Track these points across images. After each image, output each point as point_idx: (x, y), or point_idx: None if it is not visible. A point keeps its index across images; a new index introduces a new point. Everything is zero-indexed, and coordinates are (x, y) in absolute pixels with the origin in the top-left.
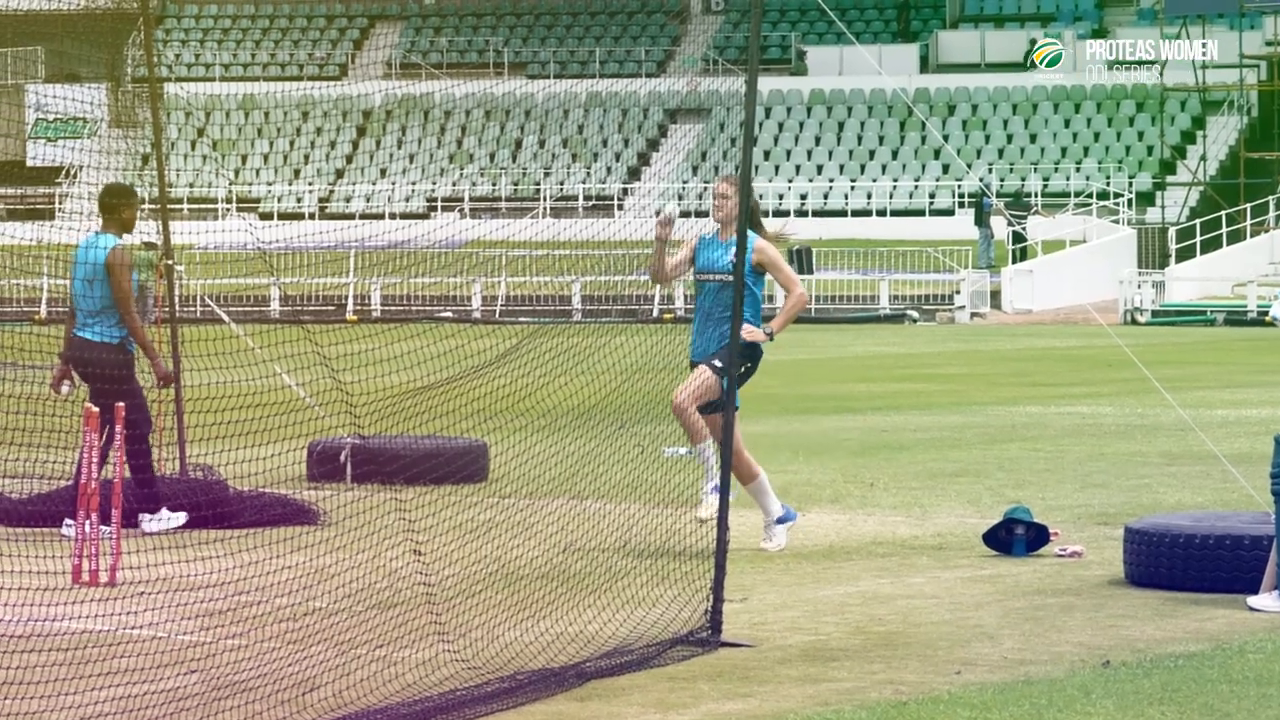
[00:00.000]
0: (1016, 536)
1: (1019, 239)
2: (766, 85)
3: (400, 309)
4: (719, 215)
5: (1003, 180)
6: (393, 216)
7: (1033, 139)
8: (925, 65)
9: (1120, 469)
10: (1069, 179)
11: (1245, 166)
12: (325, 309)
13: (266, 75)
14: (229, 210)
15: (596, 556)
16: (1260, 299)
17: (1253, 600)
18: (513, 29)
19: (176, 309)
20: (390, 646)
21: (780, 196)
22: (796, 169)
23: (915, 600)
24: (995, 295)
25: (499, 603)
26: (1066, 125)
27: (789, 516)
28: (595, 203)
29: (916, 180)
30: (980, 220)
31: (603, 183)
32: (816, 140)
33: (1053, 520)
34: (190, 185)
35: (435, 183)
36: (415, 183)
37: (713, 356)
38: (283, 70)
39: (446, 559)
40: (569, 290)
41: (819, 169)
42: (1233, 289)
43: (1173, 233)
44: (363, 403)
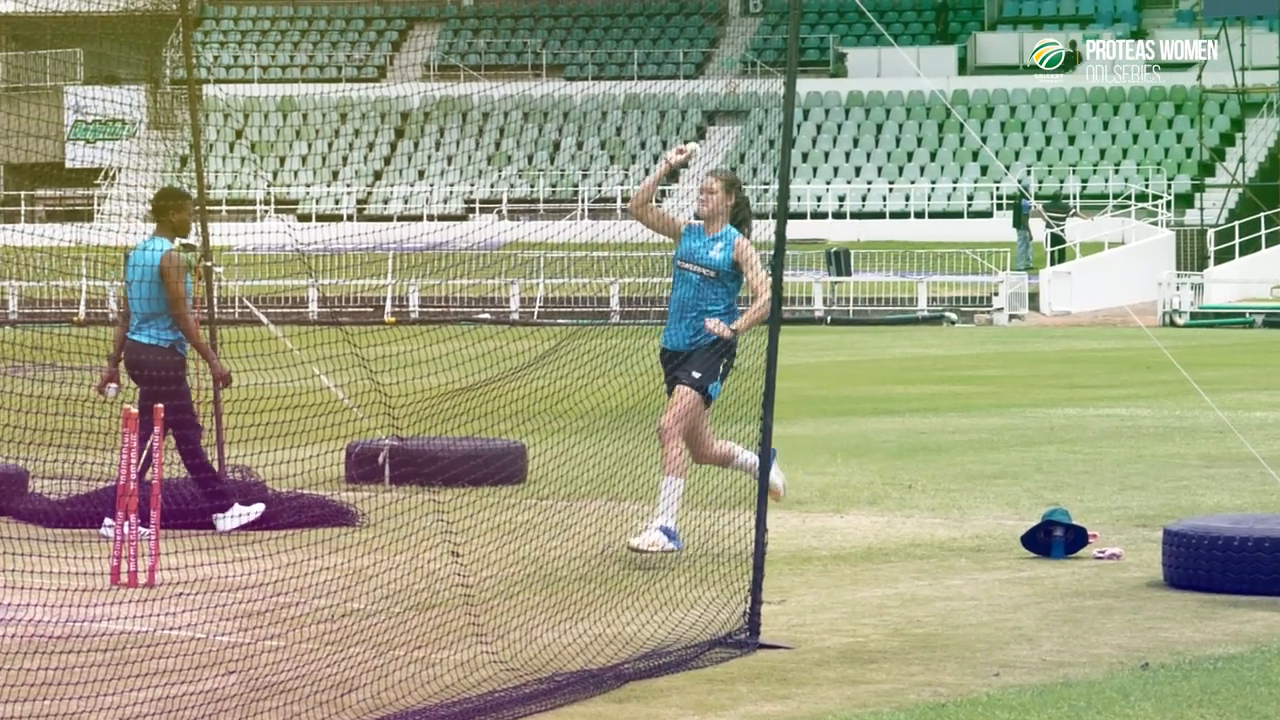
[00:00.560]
0: (1055, 538)
1: (1057, 241)
2: (805, 87)
3: (438, 310)
4: (704, 210)
5: (1041, 182)
6: (431, 218)
7: (1071, 141)
8: (964, 67)
9: (1159, 471)
10: (1107, 181)
11: None
12: (363, 310)
13: (305, 77)
14: (267, 212)
15: (635, 558)
16: None
17: None
18: (551, 30)
19: (215, 311)
20: (428, 648)
21: (818, 199)
22: (835, 171)
23: (954, 602)
24: (1033, 297)
25: (537, 604)
26: (1105, 127)
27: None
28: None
29: (955, 182)
30: (1019, 222)
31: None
32: (855, 142)
33: (1091, 522)
34: (229, 187)
35: (473, 184)
36: (453, 184)
37: (689, 366)
38: (321, 72)
39: (485, 560)
40: (607, 292)
41: (857, 171)
42: (1271, 291)
43: (1211, 234)
44: (401, 404)
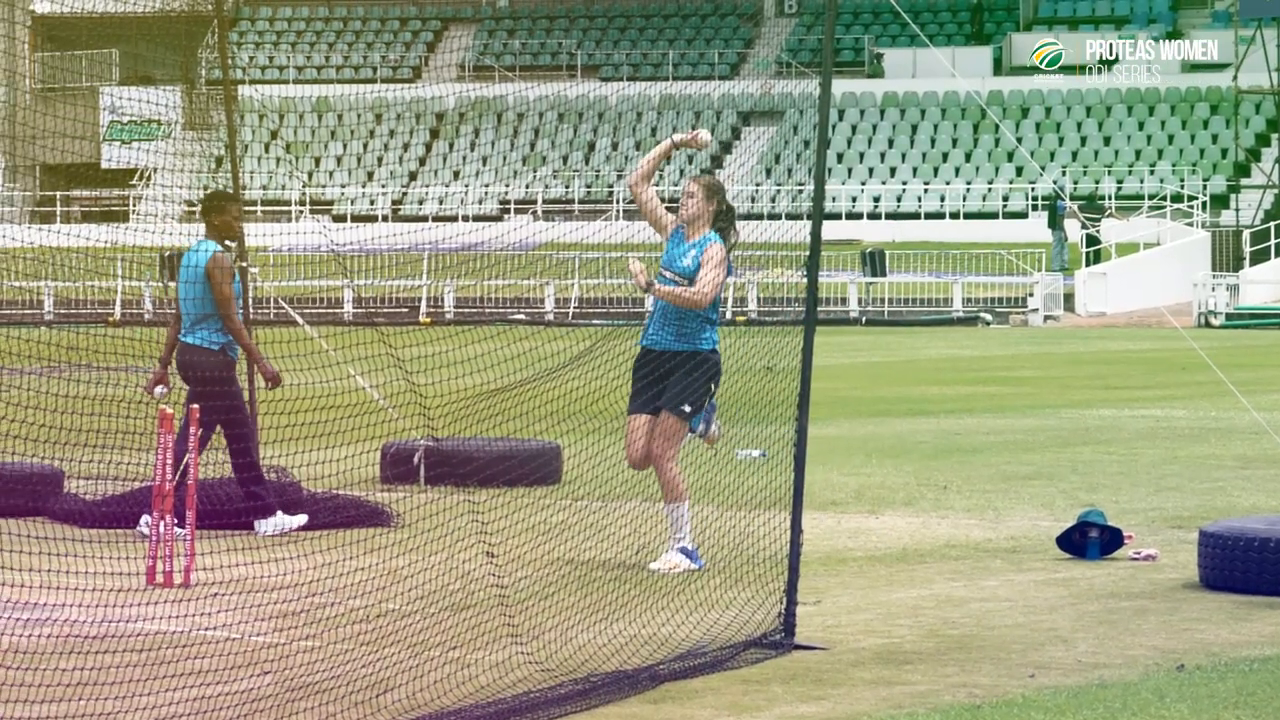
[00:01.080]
0: (1090, 540)
1: (1093, 242)
2: (840, 88)
3: (473, 311)
4: (684, 214)
5: (1076, 183)
6: (466, 219)
7: (1106, 141)
8: (999, 68)
9: (1194, 472)
10: (1143, 182)
11: None
12: (398, 311)
13: (340, 77)
14: (302, 213)
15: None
16: None
17: None
18: (586, 31)
19: (250, 311)
20: (464, 648)
21: (853, 199)
22: (870, 172)
23: (989, 603)
24: (1069, 298)
25: (572, 605)
26: (1140, 128)
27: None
28: (668, 205)
29: (990, 183)
30: (1054, 223)
31: (675, 185)
32: (890, 143)
33: (1127, 523)
34: (264, 187)
35: (508, 185)
36: (488, 185)
37: (680, 397)
38: (356, 72)
39: (520, 561)
40: (642, 292)
41: (892, 172)
42: None
43: (1247, 235)
44: (436, 405)
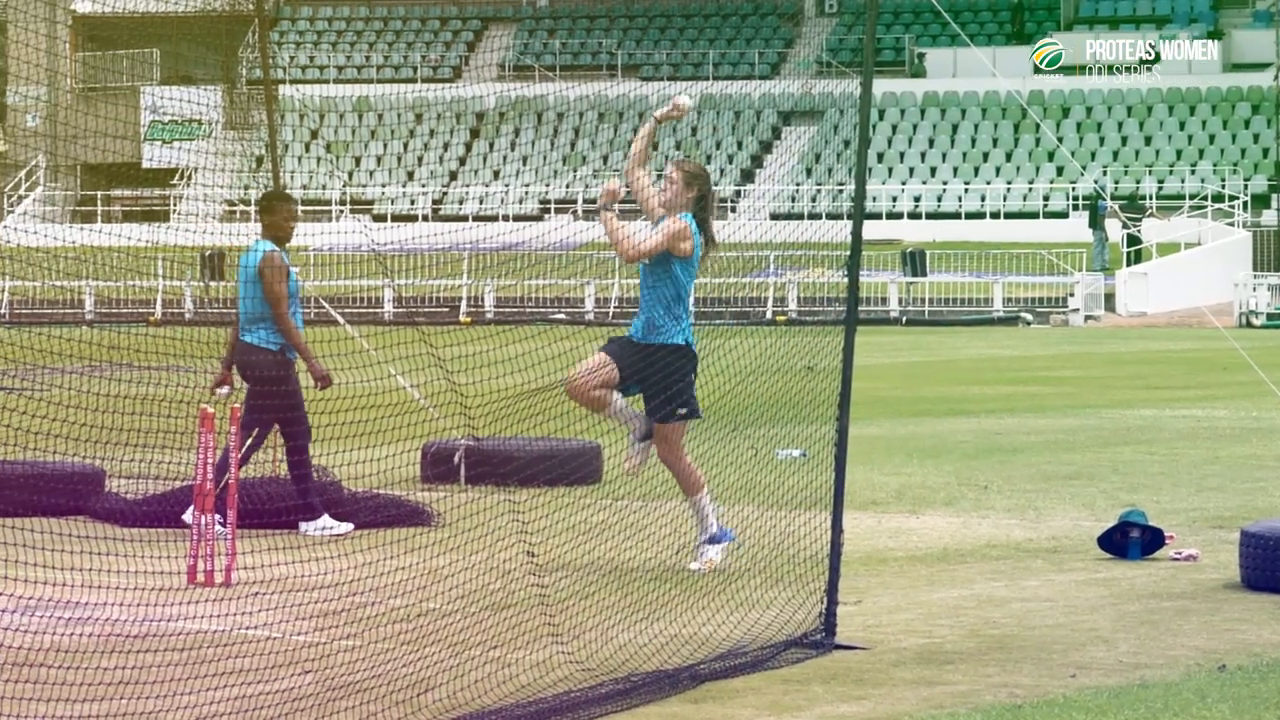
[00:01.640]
0: (1131, 540)
1: (1133, 241)
2: (880, 87)
3: (514, 310)
4: (662, 198)
5: (1117, 183)
6: (506, 218)
7: (1147, 141)
8: (1039, 67)
9: (1235, 472)
10: (1184, 181)
11: None
12: (439, 311)
13: (380, 77)
14: (343, 212)
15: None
16: None
17: None
18: (626, 31)
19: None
20: (504, 648)
21: (894, 199)
22: (910, 171)
23: (1030, 603)
24: (1109, 298)
25: (613, 604)
26: (1181, 127)
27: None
28: None
29: (1030, 183)
30: (1095, 223)
31: (716, 185)
32: (930, 143)
33: (1168, 523)
34: (304, 187)
35: (548, 185)
36: (528, 185)
37: (672, 402)
38: (396, 72)
39: (560, 560)
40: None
41: (933, 171)
42: None
43: None
44: (477, 404)
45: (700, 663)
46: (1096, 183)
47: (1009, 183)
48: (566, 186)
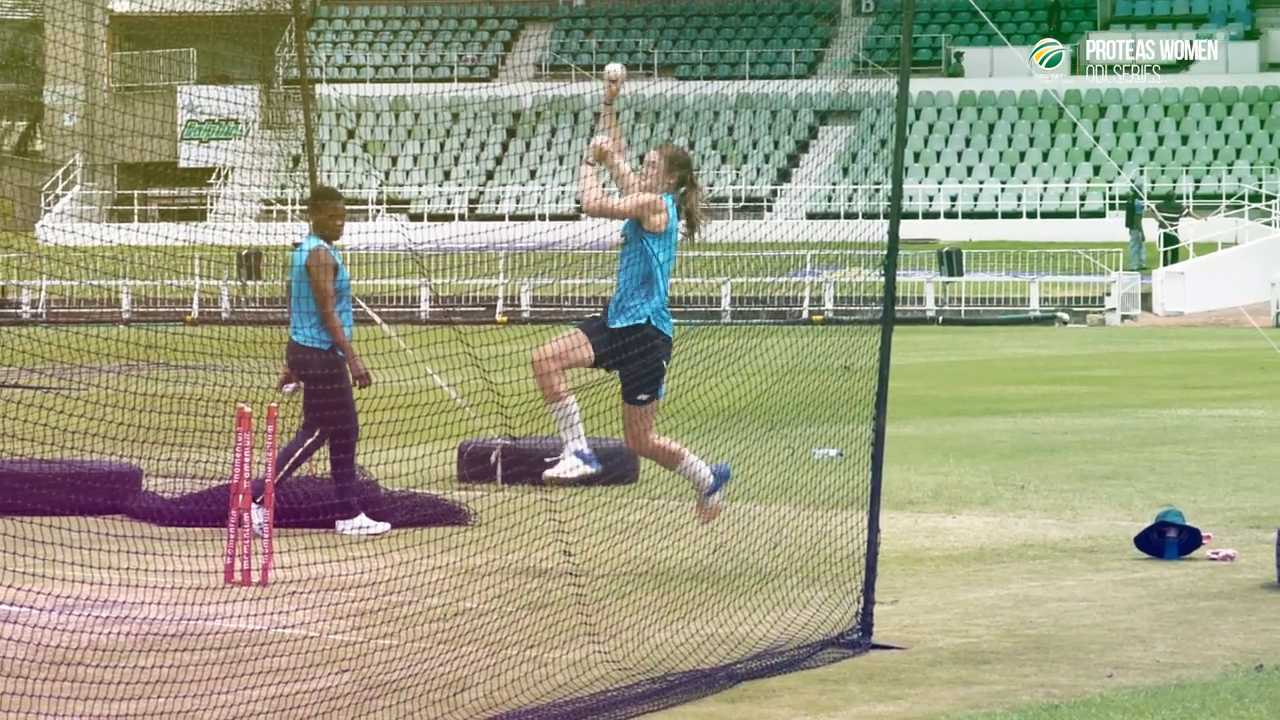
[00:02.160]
0: (1168, 540)
1: (1170, 241)
2: (917, 87)
3: (550, 310)
4: (642, 183)
5: (1154, 182)
6: (542, 218)
7: (1184, 141)
8: (1076, 66)
9: (1273, 472)
10: (1220, 181)
11: None
12: (475, 310)
13: (417, 77)
14: (379, 211)
15: (747, 558)
16: None
17: None
18: (662, 30)
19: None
20: (541, 647)
21: (930, 198)
22: (946, 170)
23: (1066, 603)
24: (1146, 297)
25: (649, 604)
26: (1218, 127)
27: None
28: (744, 204)
29: (1067, 182)
30: (1132, 222)
31: (752, 184)
32: (967, 142)
33: (1205, 523)
34: (341, 186)
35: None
36: (565, 184)
37: (644, 386)
38: (433, 72)
39: (596, 560)
40: (718, 292)
41: (969, 170)
42: None
43: None
44: (513, 403)
45: (736, 662)
46: (1133, 182)
47: (1045, 182)
48: (604, 186)
